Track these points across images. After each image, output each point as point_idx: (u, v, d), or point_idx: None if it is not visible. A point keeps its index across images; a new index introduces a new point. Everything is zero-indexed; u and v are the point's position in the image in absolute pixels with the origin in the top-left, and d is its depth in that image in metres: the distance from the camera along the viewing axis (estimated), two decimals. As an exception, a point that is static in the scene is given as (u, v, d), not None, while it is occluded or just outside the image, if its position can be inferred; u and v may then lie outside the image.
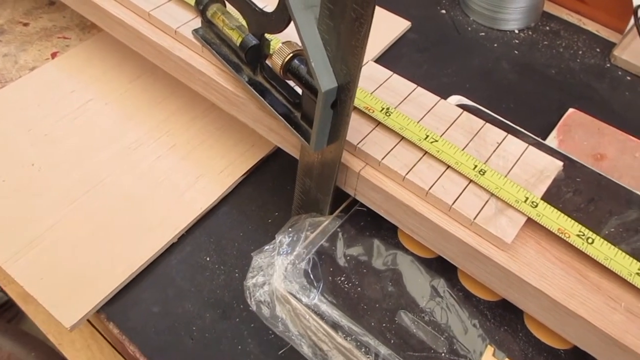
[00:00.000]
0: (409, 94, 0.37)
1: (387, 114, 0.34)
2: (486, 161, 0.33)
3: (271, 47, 0.35)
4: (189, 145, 0.45)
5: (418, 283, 0.33)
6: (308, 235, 0.35)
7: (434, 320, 0.32)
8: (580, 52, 0.58)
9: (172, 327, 0.36)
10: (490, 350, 0.31)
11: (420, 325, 0.31)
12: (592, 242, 0.30)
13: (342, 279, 0.33)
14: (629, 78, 0.56)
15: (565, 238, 0.30)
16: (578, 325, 0.29)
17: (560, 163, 0.34)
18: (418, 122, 0.35)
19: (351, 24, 0.27)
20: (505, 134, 0.35)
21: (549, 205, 0.31)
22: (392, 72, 0.38)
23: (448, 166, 0.33)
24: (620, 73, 0.56)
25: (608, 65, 0.57)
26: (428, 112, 0.36)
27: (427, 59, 0.56)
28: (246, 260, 0.39)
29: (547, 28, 0.61)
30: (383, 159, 0.33)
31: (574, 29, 0.61)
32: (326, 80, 0.29)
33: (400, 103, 0.36)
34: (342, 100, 0.30)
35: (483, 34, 0.60)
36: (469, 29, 0.60)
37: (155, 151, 0.44)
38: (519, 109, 0.52)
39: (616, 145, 0.49)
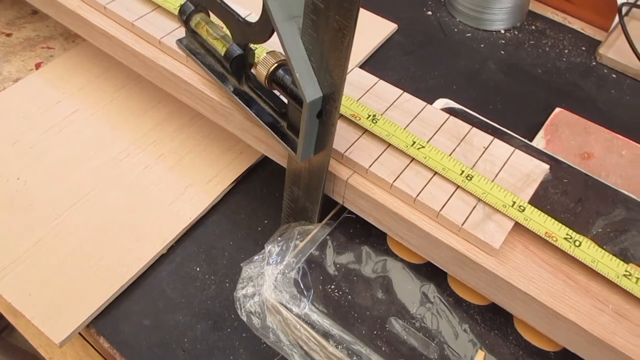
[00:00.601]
0: (395, 100, 0.37)
1: (374, 121, 0.34)
2: (473, 166, 0.33)
3: (256, 56, 0.35)
4: (176, 155, 0.45)
5: (408, 289, 0.33)
6: (297, 244, 0.35)
7: (424, 327, 0.32)
8: (566, 51, 0.58)
9: (163, 340, 0.36)
10: (481, 354, 0.31)
11: (411, 332, 0.31)
12: (580, 245, 0.30)
13: (332, 287, 0.33)
14: (614, 76, 0.56)
15: (552, 242, 0.30)
16: (567, 328, 0.29)
17: (547, 166, 0.34)
18: (405, 128, 0.35)
19: (334, 35, 0.26)
20: (492, 138, 0.35)
21: (536, 209, 0.31)
22: (378, 78, 0.38)
23: (435, 172, 0.33)
24: (606, 71, 0.57)
25: (594, 63, 0.57)
26: (414, 117, 0.36)
27: (414, 61, 0.56)
28: (237, 270, 0.39)
29: (533, 27, 0.61)
30: (370, 166, 0.33)
31: (559, 27, 0.61)
32: (311, 91, 0.28)
33: (387, 109, 0.36)
34: (327, 110, 0.29)
35: (469, 34, 0.60)
36: (455, 30, 0.60)
37: (143, 161, 0.44)
38: (506, 110, 0.52)
39: (603, 144, 0.49)
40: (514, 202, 0.31)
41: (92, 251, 0.39)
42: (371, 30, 0.57)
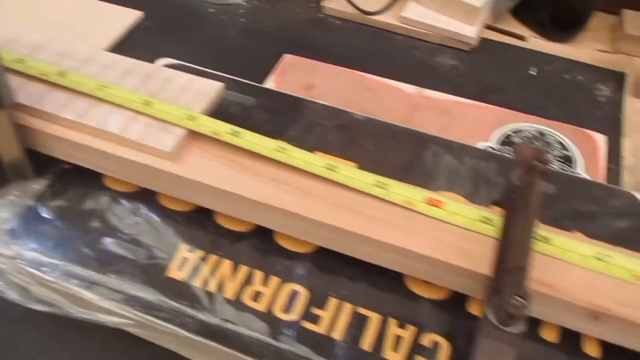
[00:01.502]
0: (90, 58, 0.41)
1: (62, 76, 0.38)
2: (155, 95, 0.38)
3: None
4: None
5: (121, 213, 0.37)
6: (14, 200, 0.37)
7: (135, 239, 0.36)
8: (298, 10, 0.67)
9: None
10: (184, 247, 0.35)
11: (122, 245, 0.35)
12: (240, 135, 0.36)
13: (48, 227, 0.36)
14: (338, 22, 0.65)
15: (219, 138, 0.36)
16: (239, 202, 0.34)
17: (220, 84, 0.40)
18: (94, 77, 0.39)
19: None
20: (176, 71, 0.40)
21: (206, 117, 0.37)
22: (76, 44, 0.42)
23: (121, 106, 0.37)
24: (331, 20, 0.66)
25: (321, 15, 0.66)
26: (105, 68, 0.40)
27: (163, 41, 0.61)
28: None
29: (270, -5, 0.69)
30: (61, 112, 0.37)
31: (292, -8, 0.70)
32: (-42, 46, 0.32)
33: (79, 66, 0.40)
34: (-11, 64, 0.33)
35: (213, 10, 0.66)
36: (201, 8, 0.66)
37: None
38: (244, 66, 0.59)
39: (324, 75, 0.57)
40: (188, 115, 0.37)
41: None
42: (112, 20, 0.61)
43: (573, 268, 0.31)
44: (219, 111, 0.40)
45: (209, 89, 0.39)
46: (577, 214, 0.37)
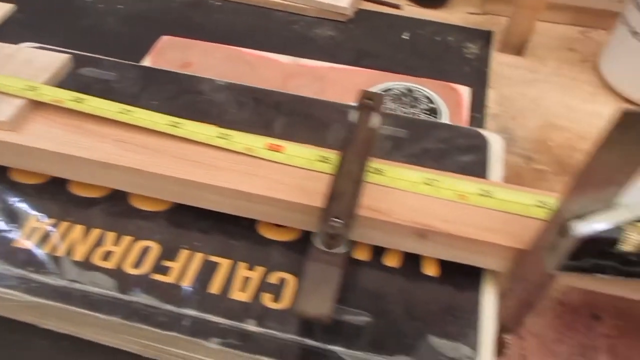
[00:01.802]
0: None
1: None
2: (-4, 70, 0.38)
3: None
4: None
5: (-34, 191, 0.36)
6: None
7: (-18, 215, 0.35)
8: (178, -6, 0.67)
9: None
10: (34, 218, 0.35)
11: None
12: (83, 101, 0.36)
13: None
14: (219, 3, 0.66)
15: (62, 105, 0.36)
16: (84, 165, 0.34)
17: (67, 56, 0.40)
18: None
19: None
20: (18, 47, 0.40)
21: (48, 87, 0.37)
22: None
23: (-43, 82, 0.37)
24: (211, 1, 0.66)
25: (203, -2, 0.67)
26: (-55, 48, 0.39)
27: (36, 32, 0.60)
28: None
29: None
30: None
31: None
32: None
33: None
34: None
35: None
36: (78, -2, 0.65)
37: None
38: (122, 50, 0.58)
39: (201, 53, 0.58)
40: (29, 86, 0.36)
41: None
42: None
43: (403, 194, 0.33)
44: (73, 86, 0.39)
45: (54, 61, 0.39)
46: (426, 153, 0.40)
